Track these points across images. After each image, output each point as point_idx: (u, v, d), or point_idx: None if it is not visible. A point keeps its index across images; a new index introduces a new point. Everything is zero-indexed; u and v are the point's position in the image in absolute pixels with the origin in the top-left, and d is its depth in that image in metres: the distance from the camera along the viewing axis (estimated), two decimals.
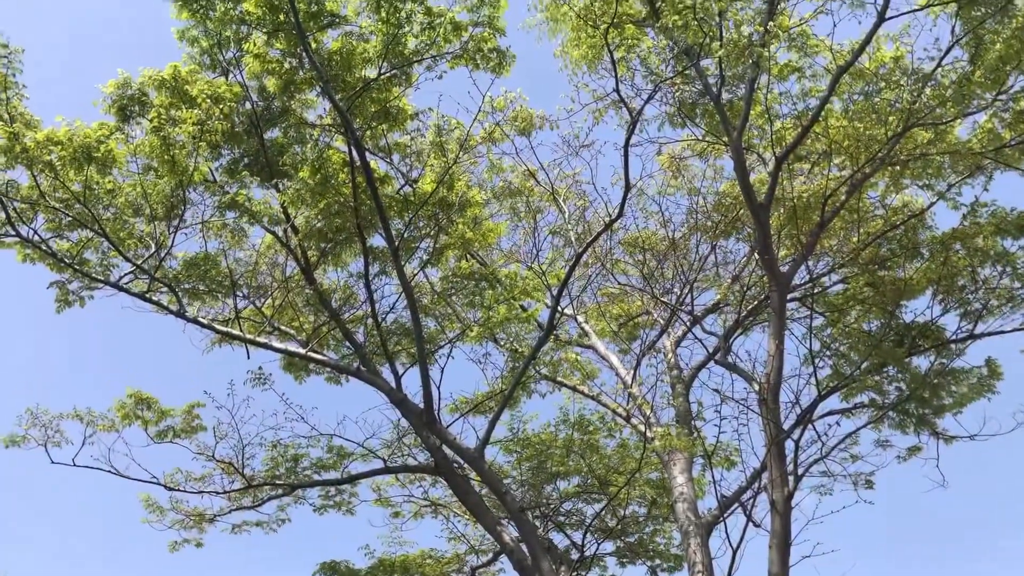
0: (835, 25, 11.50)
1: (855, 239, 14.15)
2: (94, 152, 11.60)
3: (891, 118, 12.30)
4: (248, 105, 12.68)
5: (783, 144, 12.81)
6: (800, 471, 11.16)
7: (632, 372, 14.68)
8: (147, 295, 12.89)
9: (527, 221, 16.56)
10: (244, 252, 14.44)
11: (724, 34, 11.03)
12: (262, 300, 14.45)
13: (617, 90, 11.37)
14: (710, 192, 15.68)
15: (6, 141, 11.16)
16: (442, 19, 12.18)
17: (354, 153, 12.32)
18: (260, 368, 13.37)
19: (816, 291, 14.83)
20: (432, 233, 13.99)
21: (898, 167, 13.50)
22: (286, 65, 12.69)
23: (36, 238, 12.27)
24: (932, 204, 13.98)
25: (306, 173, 13.01)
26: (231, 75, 12.72)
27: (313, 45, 12.31)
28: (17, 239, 12.15)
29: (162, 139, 11.76)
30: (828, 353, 14.21)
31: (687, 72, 12.18)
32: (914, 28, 12.49)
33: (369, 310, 13.33)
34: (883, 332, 13.57)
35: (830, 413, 13.58)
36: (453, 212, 13.73)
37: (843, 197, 12.77)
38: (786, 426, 11.45)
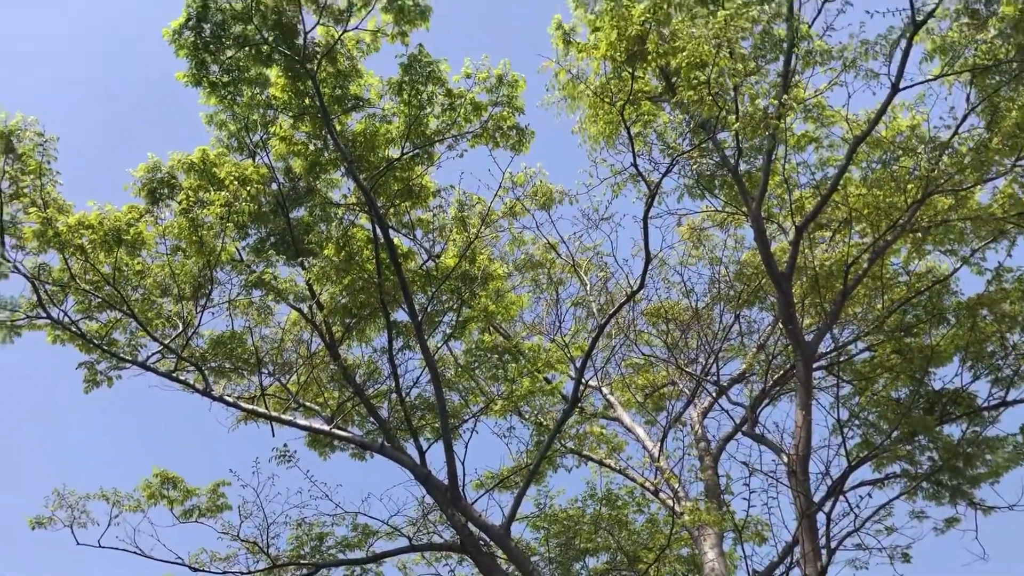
0: (850, 96, 11.66)
1: (879, 306, 14.07)
2: (124, 235, 11.89)
3: (910, 186, 12.35)
4: (275, 186, 12.99)
5: (803, 213, 12.88)
6: (833, 545, 10.91)
7: (659, 445, 14.51)
8: (174, 374, 13.01)
9: (549, 293, 16.63)
10: (270, 329, 14.59)
11: (740, 107, 11.21)
12: (287, 377, 14.53)
13: (635, 164, 11.53)
14: (731, 262, 15.71)
15: (40, 226, 11.48)
16: (462, 100, 12.51)
17: (378, 230, 12.54)
18: (285, 445, 13.35)
19: (842, 359, 14.69)
20: (455, 307, 14.09)
21: (920, 234, 13.49)
22: (311, 147, 13.04)
23: (66, 320, 12.48)
24: (956, 270, 13.90)
25: (331, 251, 13.24)
26: (258, 157, 13.08)
27: (338, 127, 12.66)
28: (48, 321, 12.37)
29: (190, 220, 12.04)
30: (857, 422, 14.00)
31: (704, 145, 12.34)
32: (929, 97, 12.64)
33: (393, 385, 13.35)
34: (912, 400, 13.37)
35: (862, 484, 13.29)
36: (475, 285, 13.85)
37: (865, 265, 12.74)
38: (817, 498, 11.24)
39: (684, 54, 10.35)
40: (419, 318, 12.50)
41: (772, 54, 11.78)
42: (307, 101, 12.39)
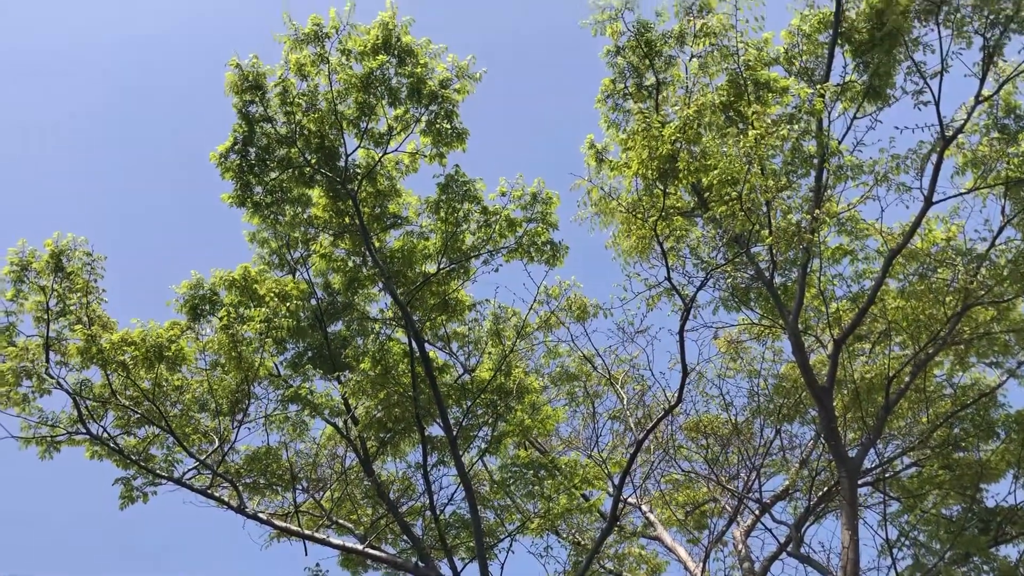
0: (883, 210, 11.72)
1: (925, 420, 13.73)
2: (165, 351, 12.07)
3: (949, 298, 12.23)
4: (313, 301, 13.21)
5: (841, 325, 12.76)
6: None
7: (701, 565, 14.04)
8: (209, 490, 12.96)
9: (586, 407, 16.44)
10: (305, 444, 14.55)
11: (773, 222, 11.29)
12: (321, 493, 14.40)
13: (669, 279, 11.57)
14: (770, 375, 15.50)
15: (84, 343, 11.70)
16: (497, 217, 12.77)
17: (413, 344, 12.62)
18: (317, 565, 13.10)
19: (888, 475, 14.26)
20: (490, 421, 13.98)
21: (962, 346, 13.26)
22: (351, 263, 13.32)
23: (105, 435, 12.57)
24: (1002, 383, 13.59)
25: (367, 365, 13.30)
26: (298, 273, 13.37)
27: (376, 244, 12.94)
28: (87, 437, 12.46)
29: (230, 336, 12.21)
30: (907, 542, 13.47)
31: (738, 259, 12.38)
32: (964, 209, 12.66)
33: (427, 502, 13.17)
34: (964, 518, 12.88)
35: None
36: (511, 399, 13.77)
37: (907, 378, 12.51)
38: None
39: (716, 172, 10.52)
40: (454, 433, 12.43)
41: (803, 170, 11.94)
42: (347, 220, 12.73)
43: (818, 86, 11.47)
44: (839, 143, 11.62)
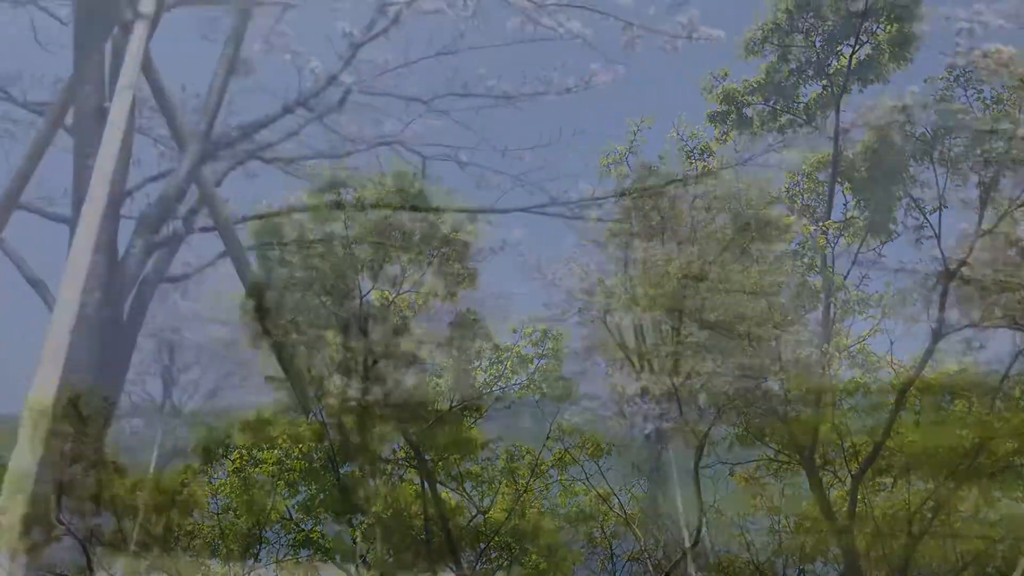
0: (892, 343, 11.77)
1: (953, 558, 13.27)
2: (177, 495, 11.98)
3: (964, 431, 12.08)
4: (326, 442, 13.17)
5: (859, 459, 12.58)
6: None
7: None
8: None
9: (603, 548, 16.01)
10: None
11: (782, 356, 11.33)
12: None
13: (681, 414, 11.53)
14: (790, 512, 15.10)
15: (97, 489, 11.63)
16: (509, 353, 12.89)
17: (426, 485, 12.50)
18: None
19: None
20: (505, 564, 13.64)
21: (985, 479, 12.97)
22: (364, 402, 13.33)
23: None
24: None
25: (379, 507, 13.13)
26: (311, 413, 13.39)
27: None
28: None
29: (242, 479, 12.15)
30: None
31: (750, 394, 12.36)
32: (974, 340, 12.66)
33: None
34: None
35: None
36: (526, 541, 13.48)
37: (931, 514, 12.21)
38: None
39: (722, 307, 10.66)
40: None
41: (810, 304, 12.09)
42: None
43: (821, 223, 11.77)
44: (844, 278, 11.82)
